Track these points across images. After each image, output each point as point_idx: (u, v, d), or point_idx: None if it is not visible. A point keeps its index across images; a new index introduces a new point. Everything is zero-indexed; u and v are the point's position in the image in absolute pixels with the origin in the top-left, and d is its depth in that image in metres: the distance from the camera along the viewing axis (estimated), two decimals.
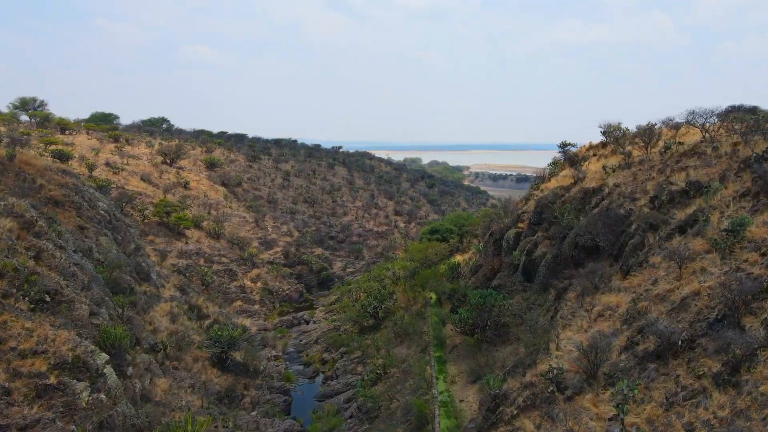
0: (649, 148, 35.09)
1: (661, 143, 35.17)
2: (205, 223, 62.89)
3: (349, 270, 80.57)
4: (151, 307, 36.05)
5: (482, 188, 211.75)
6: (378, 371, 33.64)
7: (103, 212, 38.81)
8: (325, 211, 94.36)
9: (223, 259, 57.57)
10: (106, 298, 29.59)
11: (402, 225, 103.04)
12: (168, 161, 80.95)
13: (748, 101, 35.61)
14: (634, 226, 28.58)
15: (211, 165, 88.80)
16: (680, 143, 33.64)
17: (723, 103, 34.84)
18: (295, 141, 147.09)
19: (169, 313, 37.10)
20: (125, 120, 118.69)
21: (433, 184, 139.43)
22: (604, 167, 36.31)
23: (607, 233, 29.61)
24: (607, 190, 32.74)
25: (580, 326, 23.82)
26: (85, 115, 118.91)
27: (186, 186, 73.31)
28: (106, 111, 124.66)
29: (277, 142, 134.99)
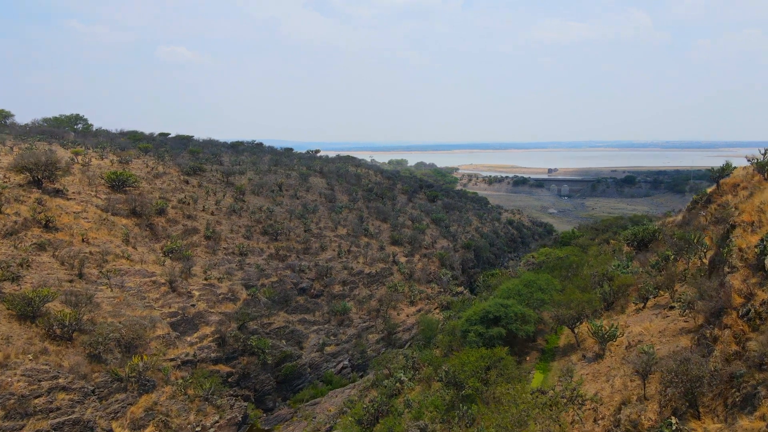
0: None
1: None
2: (52, 306, 32.93)
3: (328, 350, 51.16)
4: None
5: (480, 194, 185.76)
6: None
7: None
8: (293, 248, 64.66)
9: (63, 398, 27.63)
10: None
11: (403, 260, 73.95)
12: (36, 179, 50.68)
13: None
14: None
15: (117, 184, 58.53)
16: None
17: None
18: (261, 144, 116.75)
19: None
20: (23, 118, 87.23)
21: (436, 196, 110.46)
22: None
23: None
24: None
25: None
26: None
27: (47, 225, 43.10)
28: (72, 113, 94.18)
29: (235, 146, 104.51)
